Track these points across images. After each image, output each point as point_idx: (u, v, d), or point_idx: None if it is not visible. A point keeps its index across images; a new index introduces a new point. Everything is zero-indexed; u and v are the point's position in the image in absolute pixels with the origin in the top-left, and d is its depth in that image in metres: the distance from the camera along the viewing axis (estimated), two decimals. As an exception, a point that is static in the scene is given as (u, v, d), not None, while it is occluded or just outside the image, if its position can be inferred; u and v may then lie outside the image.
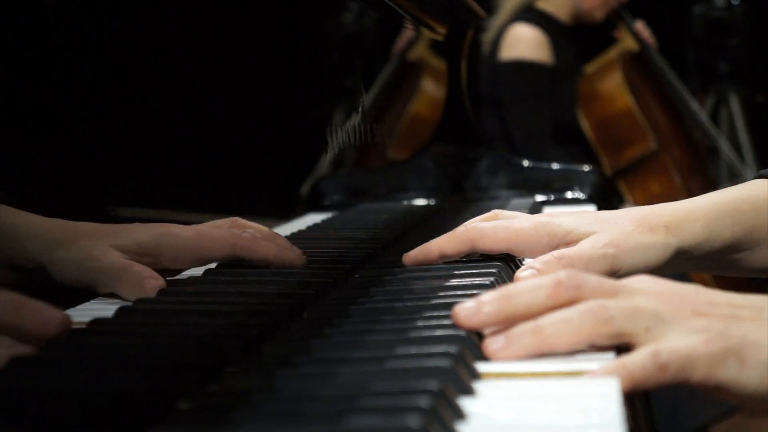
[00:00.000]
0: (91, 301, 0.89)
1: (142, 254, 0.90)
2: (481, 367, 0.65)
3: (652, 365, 0.62)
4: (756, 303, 0.68)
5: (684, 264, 0.98)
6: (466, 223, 0.99)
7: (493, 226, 0.96)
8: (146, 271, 0.88)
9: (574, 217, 0.97)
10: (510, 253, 0.97)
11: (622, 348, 0.67)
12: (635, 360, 0.63)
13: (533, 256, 0.95)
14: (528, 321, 0.66)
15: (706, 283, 3.28)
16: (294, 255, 0.97)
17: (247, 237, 0.95)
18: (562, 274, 0.67)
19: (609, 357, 0.65)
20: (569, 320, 0.65)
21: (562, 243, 0.95)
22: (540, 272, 0.88)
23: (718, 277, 3.25)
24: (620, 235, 0.93)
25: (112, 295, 0.87)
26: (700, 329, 0.65)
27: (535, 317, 0.67)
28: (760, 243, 0.98)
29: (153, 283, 0.86)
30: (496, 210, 1.03)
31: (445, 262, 0.96)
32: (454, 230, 0.97)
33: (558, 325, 0.65)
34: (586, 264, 0.91)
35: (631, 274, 0.92)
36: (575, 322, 0.65)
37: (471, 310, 0.68)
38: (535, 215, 1.00)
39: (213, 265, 0.96)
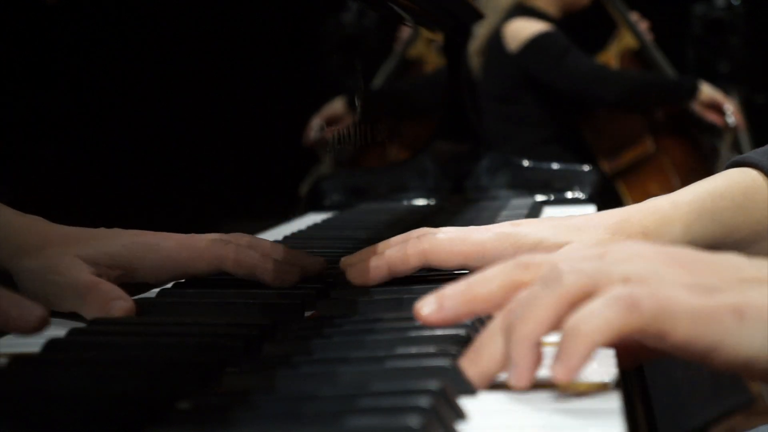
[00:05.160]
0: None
1: (113, 267, 0.82)
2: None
3: (622, 304, 0.55)
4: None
5: None
6: (416, 231, 0.89)
7: (449, 237, 0.86)
8: (113, 291, 0.79)
9: (542, 225, 0.88)
10: (468, 268, 0.87)
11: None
12: (601, 302, 0.55)
13: None
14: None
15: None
16: (293, 271, 0.87)
17: (233, 248, 0.85)
18: (524, 257, 0.62)
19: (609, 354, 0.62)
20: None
21: None
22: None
23: None
24: None
25: (74, 314, 0.79)
26: (689, 284, 0.56)
27: (499, 304, 0.61)
28: (740, 242, 0.91)
29: (120, 305, 0.78)
30: (424, 228, 0.89)
31: None
32: (405, 241, 0.87)
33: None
34: None
35: None
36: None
37: (432, 306, 0.63)
38: (498, 224, 0.89)
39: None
